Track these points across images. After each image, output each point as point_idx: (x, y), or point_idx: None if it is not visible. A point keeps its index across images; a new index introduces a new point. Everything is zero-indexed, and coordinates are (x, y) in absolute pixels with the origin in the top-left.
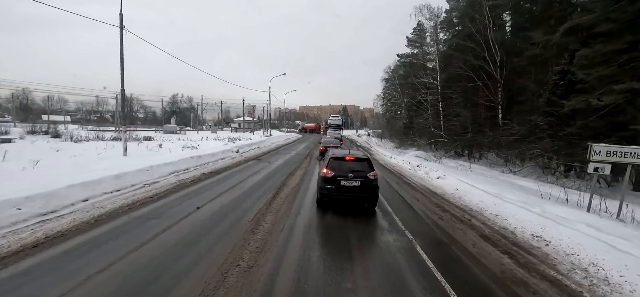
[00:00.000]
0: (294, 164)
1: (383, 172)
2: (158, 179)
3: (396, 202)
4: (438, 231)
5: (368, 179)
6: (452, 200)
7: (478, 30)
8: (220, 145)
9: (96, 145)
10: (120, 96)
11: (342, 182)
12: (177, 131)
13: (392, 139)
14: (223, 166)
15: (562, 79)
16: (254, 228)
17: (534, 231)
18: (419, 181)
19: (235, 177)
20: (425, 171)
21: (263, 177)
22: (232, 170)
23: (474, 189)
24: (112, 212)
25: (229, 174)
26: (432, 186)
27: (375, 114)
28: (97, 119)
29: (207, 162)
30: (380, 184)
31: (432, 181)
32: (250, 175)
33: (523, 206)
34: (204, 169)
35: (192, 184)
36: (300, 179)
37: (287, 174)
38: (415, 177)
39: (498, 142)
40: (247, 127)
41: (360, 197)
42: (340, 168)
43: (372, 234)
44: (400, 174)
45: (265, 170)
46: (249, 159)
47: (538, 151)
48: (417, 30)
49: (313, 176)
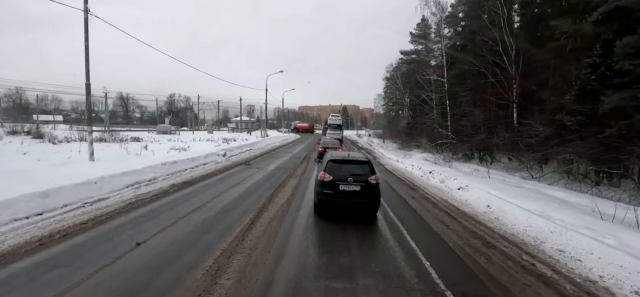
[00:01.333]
0: (287, 171)
1: (392, 180)
2: (107, 195)
3: (418, 229)
4: (497, 290)
5: (369, 183)
6: (490, 224)
7: (492, 22)
8: (212, 147)
9: (73, 147)
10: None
11: (341, 186)
12: (171, 131)
13: (394, 140)
14: (202, 173)
15: (593, 72)
16: (208, 289)
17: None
18: (436, 192)
19: (211, 189)
20: (439, 179)
21: (245, 190)
22: (211, 179)
23: (510, 206)
24: (5, 254)
25: (205, 185)
26: (455, 200)
27: (376, 114)
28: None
29: (183, 169)
30: (392, 198)
31: (452, 193)
32: (231, 186)
33: (588, 233)
34: (176, 179)
35: (151, 201)
36: (291, 192)
37: (277, 185)
38: (431, 187)
39: (514, 144)
40: (245, 127)
41: (361, 203)
42: (339, 171)
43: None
44: (412, 183)
45: (251, 179)
46: (236, 164)
47: (570, 156)
48: (422, 26)
49: (308, 188)
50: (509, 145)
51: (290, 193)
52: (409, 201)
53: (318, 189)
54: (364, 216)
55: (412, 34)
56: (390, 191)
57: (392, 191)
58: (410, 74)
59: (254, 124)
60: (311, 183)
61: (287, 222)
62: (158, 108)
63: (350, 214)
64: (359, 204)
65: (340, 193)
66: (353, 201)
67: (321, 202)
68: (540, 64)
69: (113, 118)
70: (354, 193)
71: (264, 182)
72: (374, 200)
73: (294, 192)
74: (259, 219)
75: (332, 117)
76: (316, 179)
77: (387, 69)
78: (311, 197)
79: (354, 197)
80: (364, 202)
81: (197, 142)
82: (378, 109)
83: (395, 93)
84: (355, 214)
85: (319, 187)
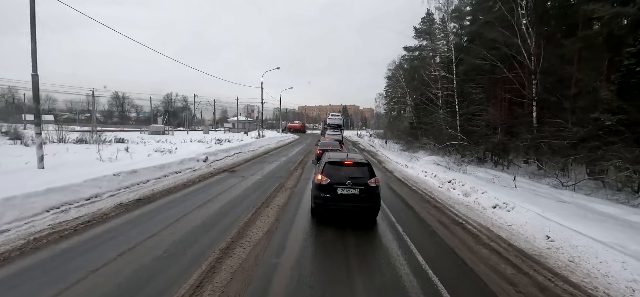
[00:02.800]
0: (277, 181)
1: (405, 192)
2: (6, 226)
3: (469, 288)
4: None
5: (369, 186)
6: (573, 277)
7: (510, 9)
8: (202, 148)
9: (48, 149)
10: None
11: (339, 190)
12: (164, 132)
13: (397, 140)
14: (168, 186)
15: (638, 63)
16: None
17: None
18: (466, 212)
19: (169, 211)
20: (462, 190)
21: (215, 213)
22: (176, 194)
23: (579, 238)
24: None
25: (164, 205)
26: (498, 227)
27: (376, 114)
28: (86, 118)
29: (144, 180)
30: (415, 226)
31: (487, 213)
32: (197, 206)
33: None
34: (129, 195)
35: (72, 234)
36: (276, 217)
37: (259, 203)
38: (458, 203)
39: (536, 146)
40: (242, 127)
41: (360, 208)
42: (336, 174)
43: None
44: (431, 197)
45: (228, 193)
46: (217, 172)
47: (613, 161)
48: (426, 21)
49: (301, 208)
50: (530, 148)
51: (274, 218)
52: (437, 229)
53: (315, 192)
54: (364, 221)
55: (416, 28)
56: (408, 211)
57: (410, 211)
58: (414, 71)
59: (252, 124)
60: (304, 201)
61: (260, 277)
62: (154, 108)
63: (349, 220)
64: (358, 208)
65: (338, 197)
66: (352, 205)
67: (318, 206)
68: (566, 56)
69: (109, 118)
70: (353, 197)
71: (244, 199)
72: (374, 204)
73: (280, 215)
74: (214, 275)
75: (331, 116)
76: (313, 181)
77: (390, 66)
78: (303, 226)
79: (353, 201)
80: (364, 207)
81: (187, 143)
82: (379, 108)
83: (397, 91)
84: (354, 219)
85: (316, 191)
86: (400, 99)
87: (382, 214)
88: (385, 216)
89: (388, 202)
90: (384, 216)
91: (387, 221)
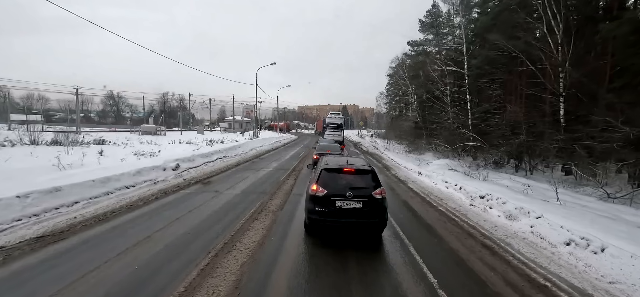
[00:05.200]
0: (258, 198)
1: (433, 217)
2: None
3: None
4: None
5: (373, 198)
6: None
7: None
8: (189, 151)
9: (10, 152)
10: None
11: (339, 203)
12: (155, 132)
13: (400, 141)
14: (101, 211)
15: None
16: None
17: None
18: (533, 253)
19: (69, 263)
20: (504, 210)
21: (133, 273)
22: (103, 226)
23: None
24: None
25: (73, 248)
26: (595, 288)
27: (377, 114)
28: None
29: (71, 202)
30: (460, 277)
31: (562, 256)
32: (121, 252)
33: None
34: (26, 231)
35: None
36: (239, 276)
37: (217, 246)
38: (508, 234)
39: (571, 149)
40: (239, 127)
41: (363, 224)
42: (335, 184)
43: None
44: (470, 225)
45: (187, 221)
46: (186, 184)
47: None
48: (433, 13)
49: (283, 255)
50: (563, 151)
51: (235, 278)
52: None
53: (309, 205)
54: (367, 238)
55: (422, 21)
56: (448, 256)
57: (451, 257)
58: (418, 67)
59: (248, 124)
60: (292, 237)
61: None
62: (150, 107)
63: None
64: (360, 225)
65: (337, 211)
66: (353, 221)
67: (313, 222)
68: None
69: (103, 118)
70: (355, 211)
71: (199, 235)
72: (380, 219)
73: (249, 270)
74: None
75: (331, 115)
76: (307, 191)
77: (393, 62)
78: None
79: (355, 216)
80: (368, 223)
81: (175, 144)
82: (380, 108)
83: (401, 89)
84: (356, 236)
85: (310, 203)
86: (403, 97)
87: (412, 266)
88: (415, 267)
89: (414, 235)
90: (415, 271)
91: (424, 284)
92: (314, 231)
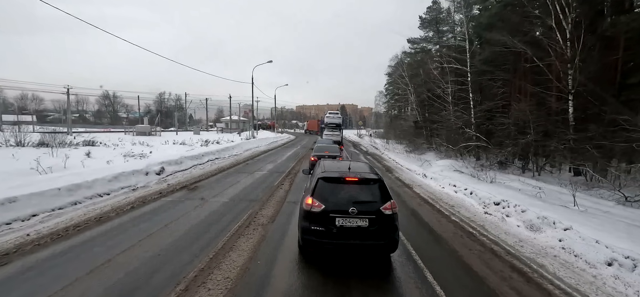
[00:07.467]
0: (248, 207)
1: (448, 230)
2: None
3: None
4: None
5: (382, 214)
6: None
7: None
8: (182, 151)
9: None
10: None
11: (339, 220)
12: (150, 133)
13: (400, 141)
14: (62, 226)
15: None
16: None
17: None
18: (569, 277)
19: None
20: (524, 219)
21: None
22: (54, 247)
23: None
24: None
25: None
26: None
27: (376, 113)
28: (75, 119)
29: (28, 215)
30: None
31: (606, 279)
32: (69, 284)
33: None
34: None
35: None
36: None
37: (192, 271)
38: (534, 251)
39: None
40: (236, 127)
41: (370, 247)
42: (335, 197)
43: None
44: (490, 239)
45: (160, 239)
46: (170, 191)
47: None
48: (433, 9)
49: (271, 285)
50: (576, 152)
51: None
52: None
53: (303, 224)
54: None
55: (422, 18)
56: (472, 284)
57: (478, 288)
58: (418, 65)
59: (246, 124)
60: (283, 260)
61: None
62: (146, 107)
63: None
64: (366, 248)
65: (337, 231)
66: (357, 243)
67: (307, 243)
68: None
69: (99, 118)
70: (359, 231)
71: (180, 251)
72: (389, 240)
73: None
74: None
75: (329, 114)
76: (301, 205)
77: (392, 60)
78: None
79: (359, 237)
80: (375, 246)
81: (169, 145)
82: (379, 107)
83: (400, 88)
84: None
85: (305, 222)
86: (402, 96)
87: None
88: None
89: (429, 255)
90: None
91: None
92: (309, 253)
